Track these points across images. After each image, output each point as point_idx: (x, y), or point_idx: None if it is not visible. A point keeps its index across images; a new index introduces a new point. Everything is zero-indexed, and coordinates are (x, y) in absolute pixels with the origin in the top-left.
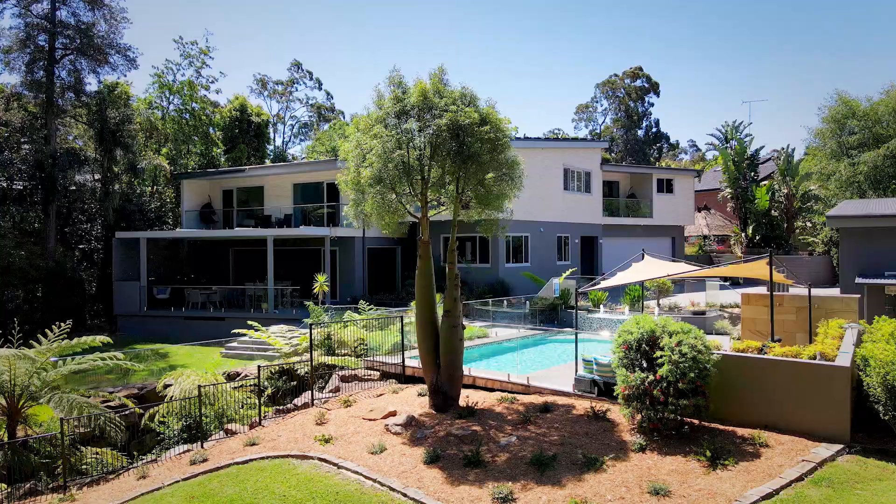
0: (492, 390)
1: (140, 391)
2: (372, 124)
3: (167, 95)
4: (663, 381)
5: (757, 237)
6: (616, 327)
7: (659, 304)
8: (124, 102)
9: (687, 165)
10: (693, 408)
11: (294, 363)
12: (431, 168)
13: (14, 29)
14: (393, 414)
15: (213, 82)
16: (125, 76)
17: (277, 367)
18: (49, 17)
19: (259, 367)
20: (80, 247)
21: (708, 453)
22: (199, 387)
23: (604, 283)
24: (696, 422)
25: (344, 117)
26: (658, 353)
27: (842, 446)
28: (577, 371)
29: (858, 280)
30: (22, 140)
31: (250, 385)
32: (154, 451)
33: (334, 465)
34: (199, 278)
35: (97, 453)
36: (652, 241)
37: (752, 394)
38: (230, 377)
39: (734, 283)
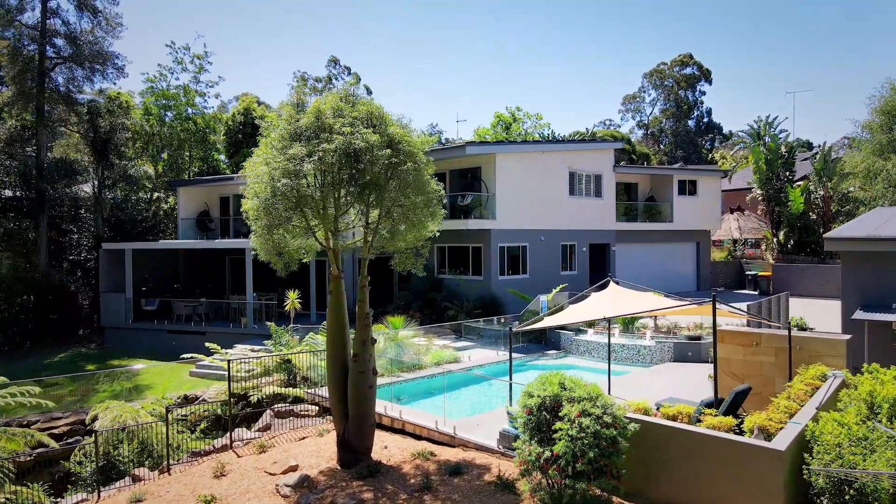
0: (419, 438)
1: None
2: (270, 147)
3: (163, 102)
4: (561, 458)
5: (790, 243)
6: (602, 350)
7: (656, 325)
8: (124, 112)
9: (745, 156)
10: (597, 489)
11: (249, 389)
12: (326, 197)
13: (4, 39)
14: (294, 469)
15: (211, 87)
16: (115, 84)
17: (236, 393)
18: (39, 27)
19: (167, 408)
20: (72, 258)
21: None
22: (95, 432)
23: (548, 321)
24: (613, 499)
25: None
26: (557, 425)
27: None
28: (509, 422)
29: (858, 315)
30: (13, 151)
31: (177, 417)
32: (69, 490)
33: None
34: (195, 288)
35: (15, 492)
36: (673, 246)
37: (680, 471)
38: (188, 400)
39: (763, 293)
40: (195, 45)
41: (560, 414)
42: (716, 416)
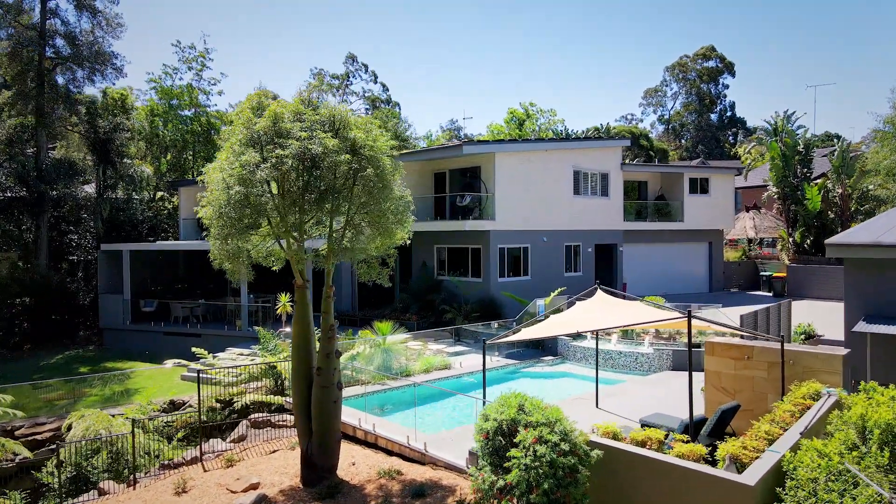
0: (391, 453)
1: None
2: (230, 152)
3: (167, 102)
4: (515, 488)
5: (807, 242)
6: (600, 357)
7: (657, 331)
8: (125, 112)
9: (762, 153)
10: None
11: (234, 395)
12: (286, 205)
13: (4, 40)
14: (254, 487)
15: (213, 84)
16: (114, 84)
17: (222, 399)
18: (38, 28)
19: (133, 421)
20: (72, 259)
21: None
22: (57, 443)
23: (525, 333)
24: None
25: (399, 109)
26: (512, 452)
27: None
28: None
29: (860, 327)
30: (12, 152)
31: (157, 424)
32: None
33: None
34: (196, 289)
35: None
36: (684, 246)
37: (647, 501)
38: (174, 405)
39: (777, 294)
40: (200, 43)
41: (515, 440)
42: (688, 441)
